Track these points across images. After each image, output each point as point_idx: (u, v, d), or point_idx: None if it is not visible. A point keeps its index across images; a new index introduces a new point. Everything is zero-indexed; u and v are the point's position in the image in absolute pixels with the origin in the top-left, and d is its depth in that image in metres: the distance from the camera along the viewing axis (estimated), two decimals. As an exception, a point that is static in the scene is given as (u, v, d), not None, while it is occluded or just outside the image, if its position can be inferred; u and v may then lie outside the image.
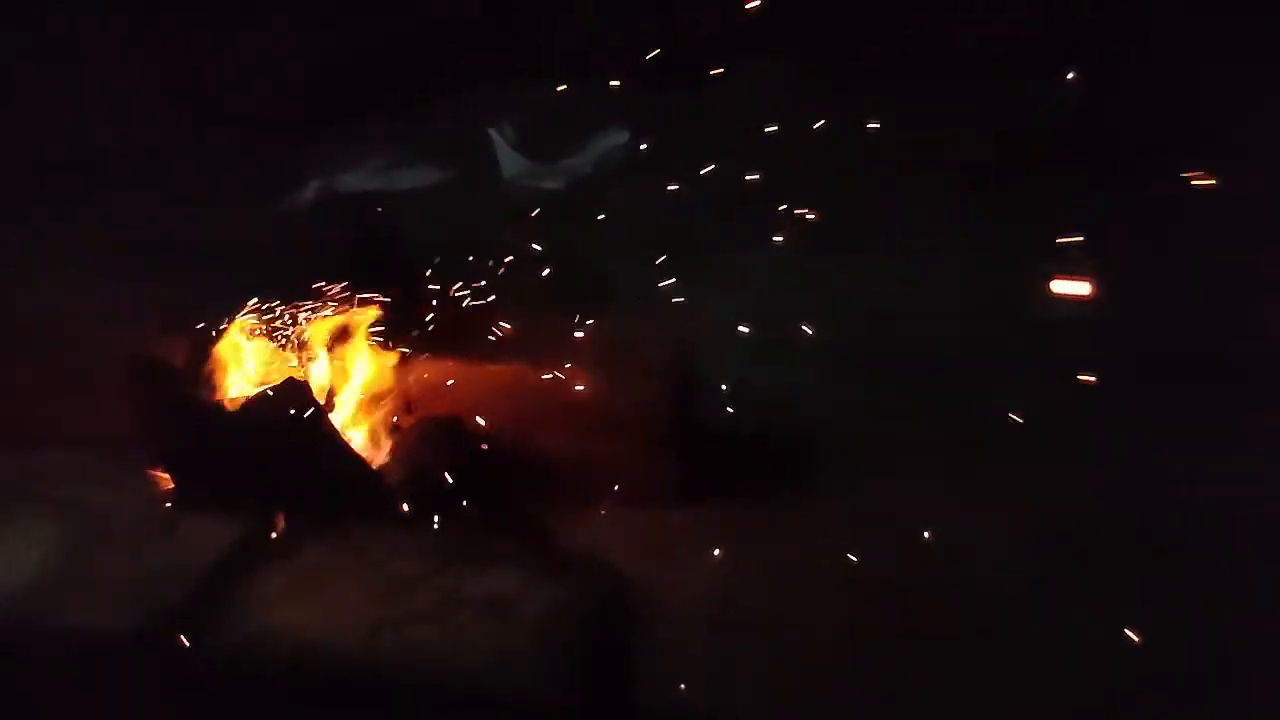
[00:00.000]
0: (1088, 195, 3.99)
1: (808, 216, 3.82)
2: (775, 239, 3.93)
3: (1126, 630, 2.87)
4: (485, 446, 3.45)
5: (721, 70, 4.24)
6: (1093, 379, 3.42)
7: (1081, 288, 3.49)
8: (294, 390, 3.33)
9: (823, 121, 4.07)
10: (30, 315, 3.85)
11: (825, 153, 3.97)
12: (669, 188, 4.08)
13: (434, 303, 3.72)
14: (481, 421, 3.49)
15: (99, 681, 2.87)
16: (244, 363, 3.51)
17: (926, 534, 3.26)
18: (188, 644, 2.89)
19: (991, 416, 3.46)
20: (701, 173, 4.02)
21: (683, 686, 2.82)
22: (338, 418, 3.54)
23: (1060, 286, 3.51)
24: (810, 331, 3.70)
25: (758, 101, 4.42)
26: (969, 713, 2.77)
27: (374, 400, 3.61)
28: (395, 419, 3.61)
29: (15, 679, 2.86)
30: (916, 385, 3.61)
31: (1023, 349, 3.68)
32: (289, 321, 3.59)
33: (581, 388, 3.51)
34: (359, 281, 3.67)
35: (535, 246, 3.90)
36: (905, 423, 3.55)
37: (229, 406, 3.40)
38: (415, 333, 3.66)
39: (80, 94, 4.60)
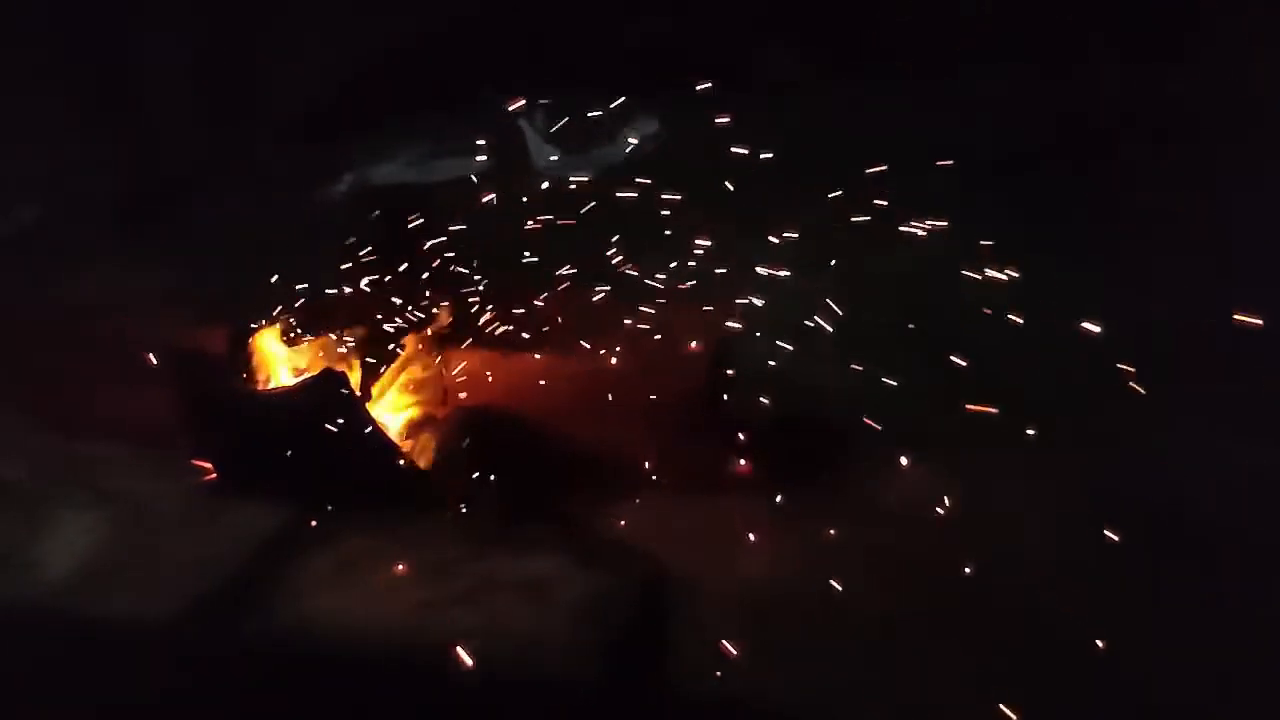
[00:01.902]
0: (1119, 188, 3.96)
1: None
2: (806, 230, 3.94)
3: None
4: (521, 435, 3.47)
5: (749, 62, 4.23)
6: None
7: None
8: (332, 381, 3.37)
9: (847, 113, 4.07)
10: (78, 311, 3.91)
11: (855, 145, 3.97)
12: (700, 179, 4.09)
13: (472, 294, 3.75)
14: (517, 411, 3.52)
15: (146, 664, 2.92)
16: (284, 355, 3.54)
17: (960, 521, 3.26)
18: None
19: (1026, 404, 3.46)
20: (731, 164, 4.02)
21: (718, 673, 2.84)
22: (375, 408, 3.58)
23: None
24: (844, 322, 3.70)
25: (783, 93, 4.44)
26: (1005, 696, 2.77)
27: (411, 390, 3.64)
28: (432, 409, 3.64)
29: (65, 660, 2.92)
30: (950, 373, 3.60)
31: (1055, 336, 3.66)
32: (329, 314, 3.63)
33: (617, 378, 3.53)
34: (396, 274, 3.70)
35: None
36: (939, 410, 3.54)
37: (270, 398, 3.44)
38: (452, 325, 3.68)
39: (128, 90, 4.68)
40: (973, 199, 3.96)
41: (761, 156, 4.01)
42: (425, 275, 3.72)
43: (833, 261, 3.92)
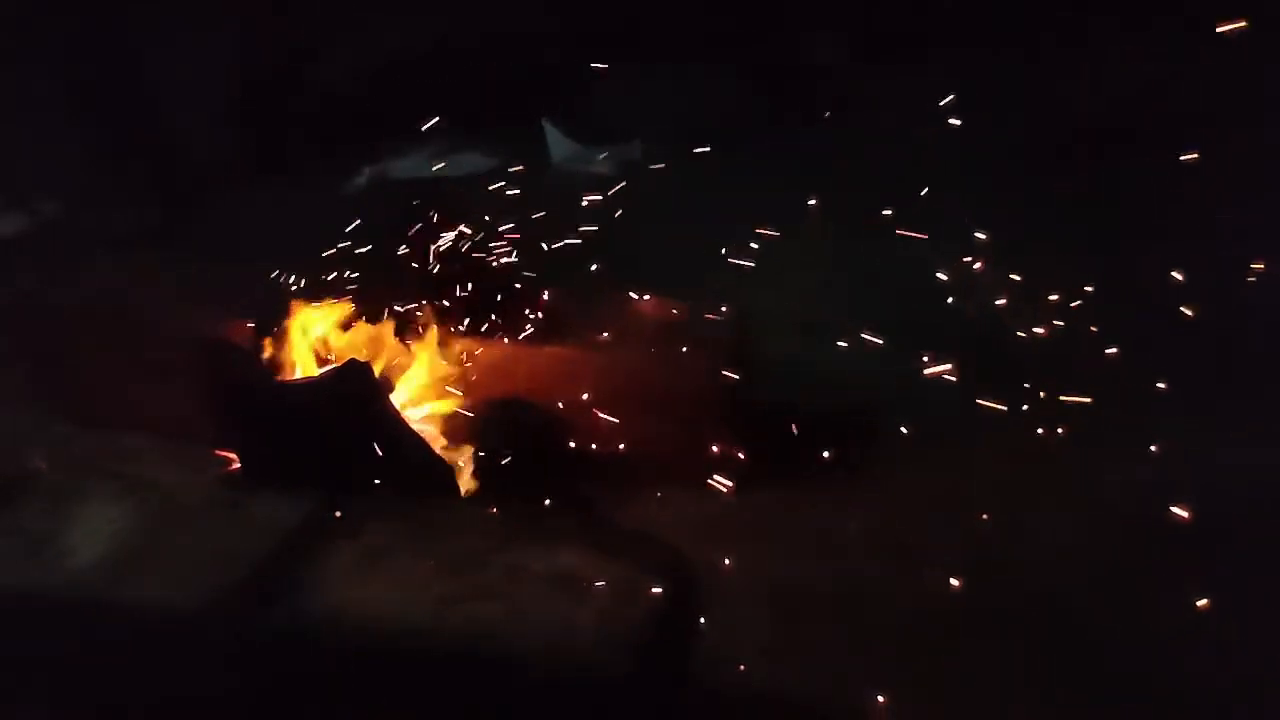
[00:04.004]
0: (1149, 184, 3.95)
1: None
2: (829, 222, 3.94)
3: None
4: (545, 427, 3.47)
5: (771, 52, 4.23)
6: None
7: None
8: (356, 372, 3.37)
9: (875, 103, 4.07)
10: (103, 302, 3.94)
11: (880, 136, 3.97)
12: (723, 170, 4.09)
13: (495, 287, 3.76)
14: (541, 403, 3.52)
15: (170, 653, 2.93)
16: (309, 345, 3.56)
17: (984, 514, 3.25)
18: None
19: (1047, 399, 3.46)
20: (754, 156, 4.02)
21: (742, 667, 2.84)
22: (399, 399, 3.59)
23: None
24: (864, 316, 3.70)
25: (808, 83, 4.44)
26: (1024, 689, 2.76)
27: (434, 382, 3.65)
28: (455, 400, 3.65)
29: (90, 650, 2.93)
30: (973, 367, 3.60)
31: (1079, 334, 3.66)
32: (352, 305, 3.64)
33: (640, 370, 3.53)
34: (419, 266, 3.71)
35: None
36: (962, 404, 3.54)
37: (294, 388, 3.44)
38: (477, 316, 3.69)
39: (150, 85, 4.71)
40: (987, 196, 3.95)
41: (778, 151, 4.02)
42: (448, 268, 3.73)
43: (851, 254, 3.92)
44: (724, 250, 3.95)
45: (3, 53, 4.50)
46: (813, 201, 4.00)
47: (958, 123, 4.03)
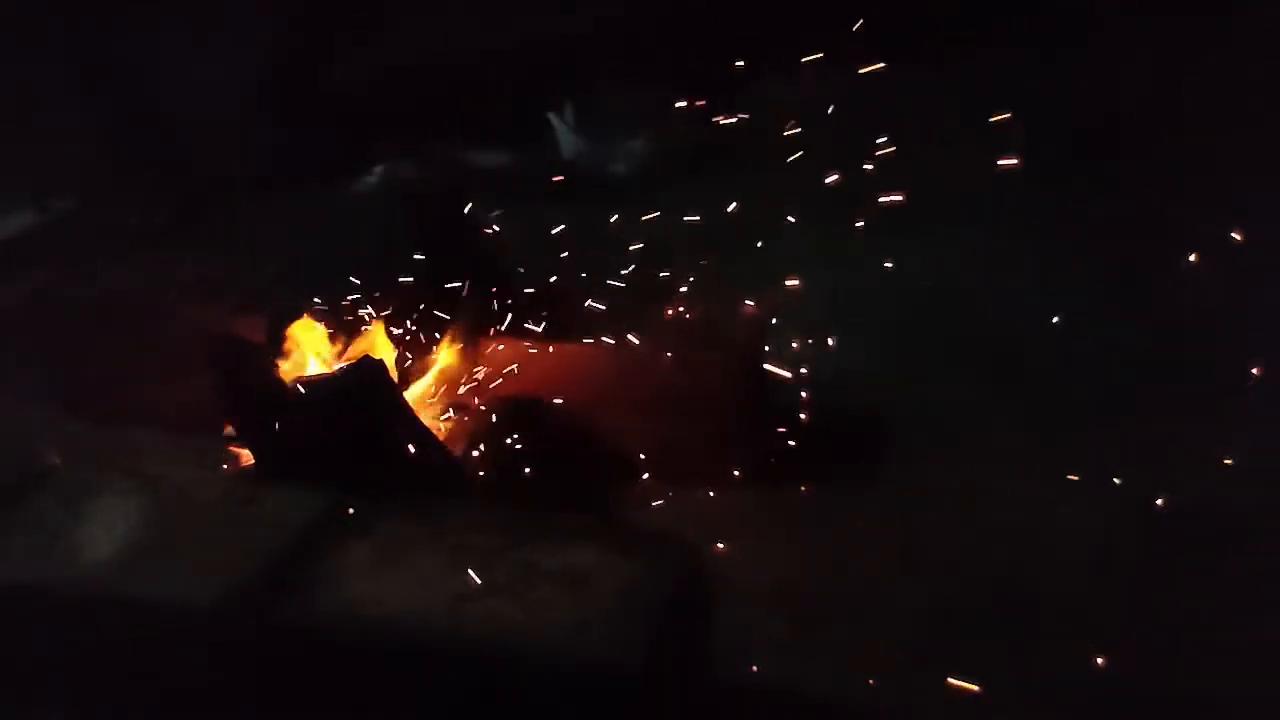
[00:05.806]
0: (1151, 184, 3.96)
1: (882, 200, 3.82)
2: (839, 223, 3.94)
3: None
4: (558, 424, 3.48)
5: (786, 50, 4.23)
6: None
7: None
8: (370, 368, 3.38)
9: (898, 102, 4.07)
10: (116, 299, 3.94)
11: (899, 135, 3.97)
12: (738, 170, 4.09)
13: (508, 284, 3.76)
14: (554, 400, 3.53)
15: (182, 651, 2.94)
16: (323, 341, 3.56)
17: (996, 516, 3.27)
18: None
19: (1064, 400, 3.47)
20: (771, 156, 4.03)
21: (755, 668, 2.85)
22: (413, 396, 3.60)
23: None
24: (878, 315, 3.71)
25: (828, 83, 4.44)
26: (1039, 692, 2.78)
27: (448, 378, 3.66)
28: (469, 397, 3.66)
29: (103, 645, 2.95)
30: (988, 367, 3.61)
31: (1095, 333, 3.67)
32: (366, 302, 3.64)
33: (654, 368, 3.54)
34: (432, 263, 3.72)
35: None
36: (977, 404, 3.55)
37: (308, 383, 3.45)
38: (488, 314, 3.70)
39: (166, 83, 4.72)
40: (1001, 193, 3.96)
41: (794, 147, 4.02)
42: (461, 265, 3.74)
43: (867, 254, 3.93)
44: (736, 250, 3.97)
45: (15, 52, 4.51)
46: (822, 203, 4.01)
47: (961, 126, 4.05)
